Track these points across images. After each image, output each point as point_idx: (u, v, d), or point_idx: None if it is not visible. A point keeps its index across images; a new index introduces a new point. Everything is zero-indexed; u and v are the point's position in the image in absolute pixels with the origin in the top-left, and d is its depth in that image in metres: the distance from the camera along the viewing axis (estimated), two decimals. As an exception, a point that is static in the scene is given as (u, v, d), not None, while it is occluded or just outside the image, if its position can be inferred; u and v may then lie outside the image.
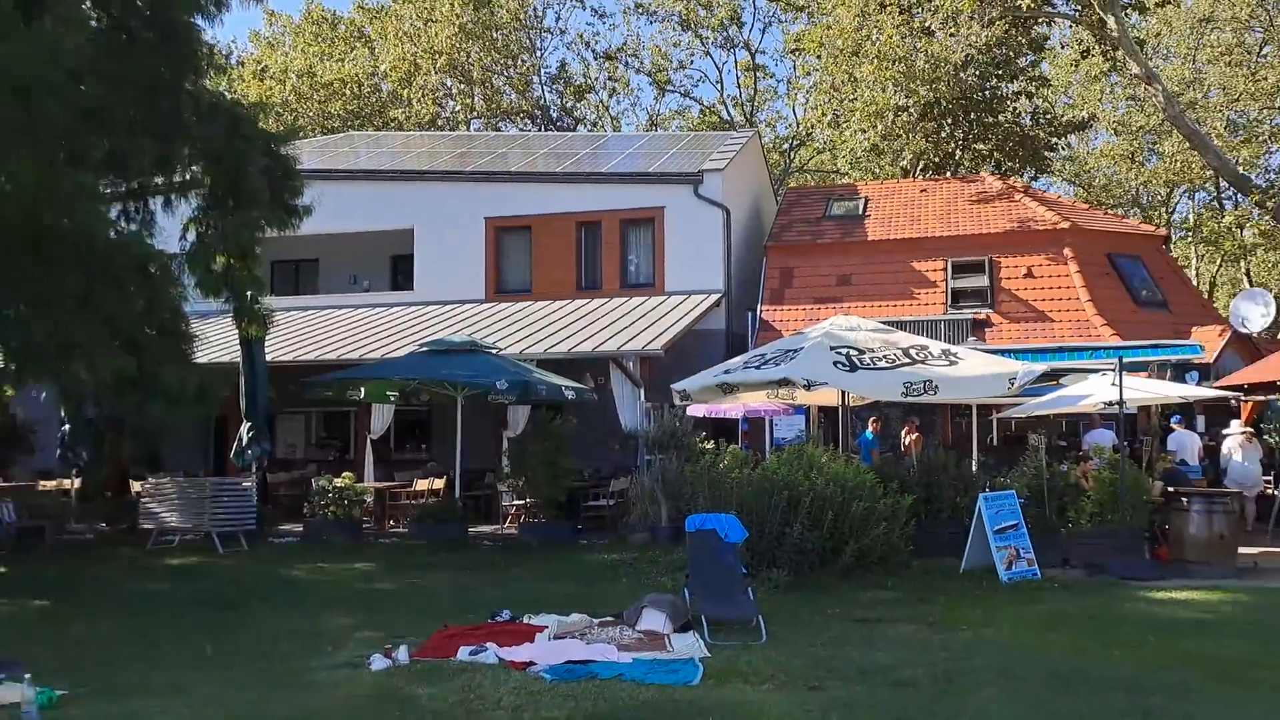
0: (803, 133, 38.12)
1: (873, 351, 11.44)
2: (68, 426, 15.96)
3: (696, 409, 15.93)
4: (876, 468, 12.34)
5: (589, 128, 40.96)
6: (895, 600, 9.60)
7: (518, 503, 15.18)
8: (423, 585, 10.95)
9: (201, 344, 13.47)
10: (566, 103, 40.71)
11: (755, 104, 41.71)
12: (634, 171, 21.23)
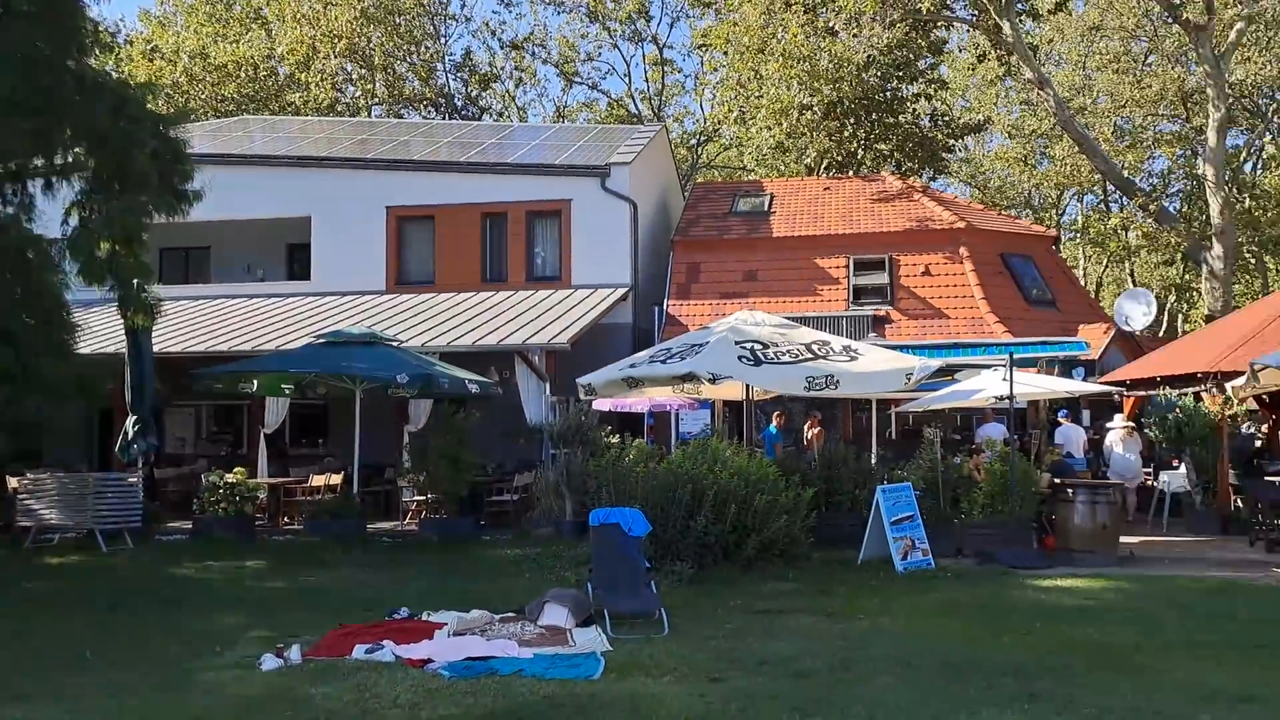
0: (710, 128, 38.39)
1: (776, 346, 11.63)
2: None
3: (602, 403, 15.90)
4: (779, 461, 12.53)
5: (495, 117, 40.51)
6: (796, 591, 9.74)
7: (418, 498, 14.92)
8: (318, 583, 10.69)
9: (84, 334, 12.89)
10: (471, 91, 40.15)
11: (663, 99, 41.84)
12: (541, 163, 21.09)
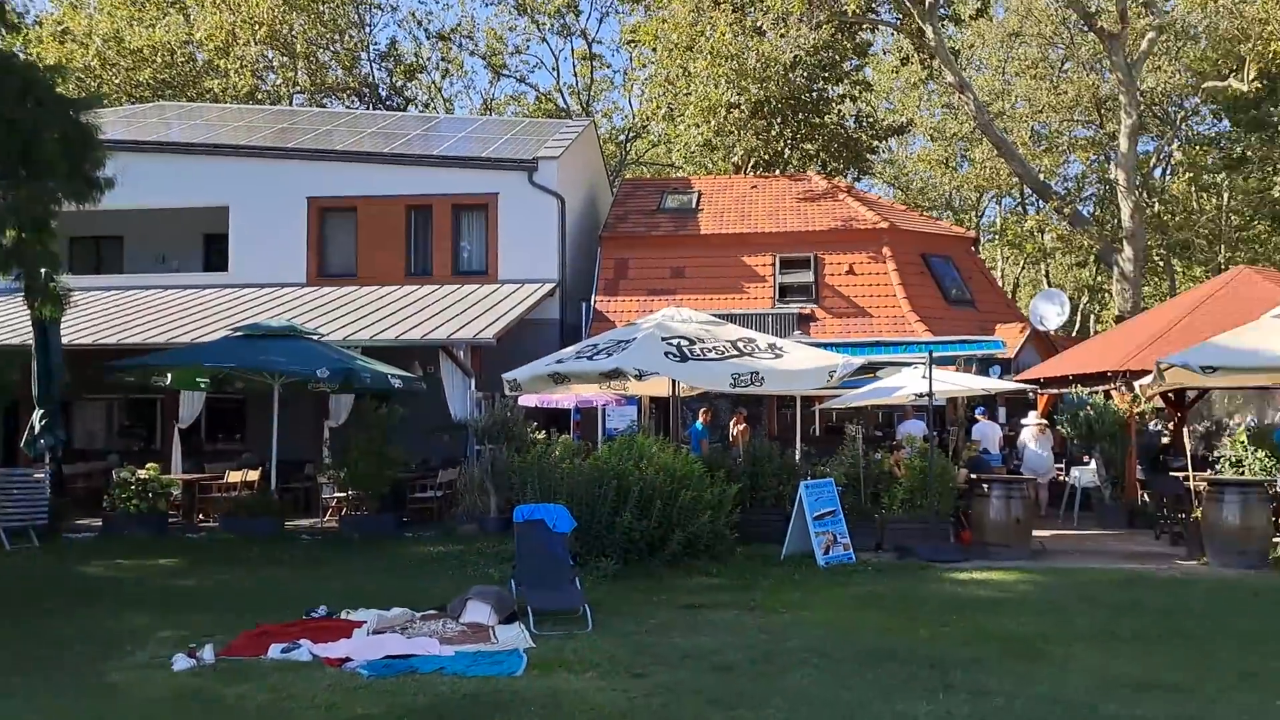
0: (639, 125, 38.43)
1: (703, 343, 11.70)
2: None
3: (528, 399, 15.81)
4: (705, 457, 12.59)
5: (420, 109, 39.95)
6: (720, 586, 9.81)
7: (339, 495, 14.66)
8: (233, 582, 10.43)
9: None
10: (397, 82, 39.53)
11: (592, 94, 41.74)
12: (467, 156, 20.85)
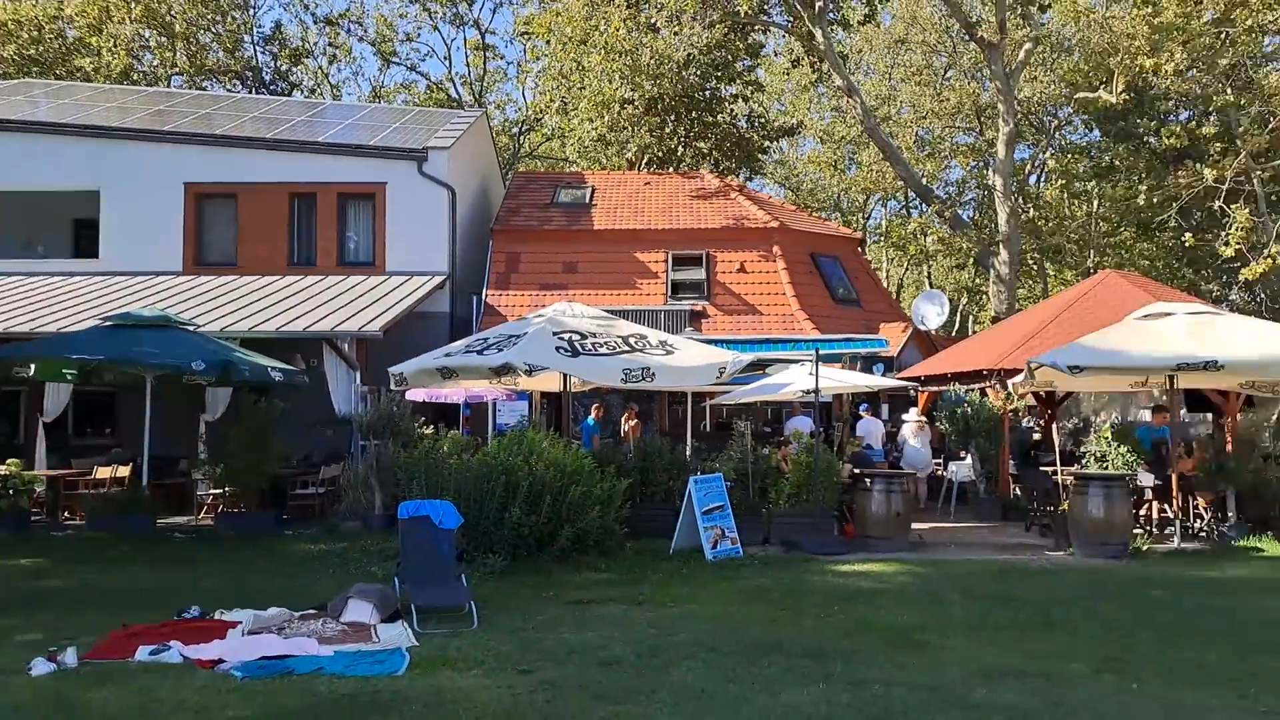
0: (532, 118, 38.14)
1: (595, 337, 11.69)
2: None
3: (416, 393, 15.54)
4: (595, 453, 12.56)
5: (306, 94, 38.85)
6: (609, 581, 9.80)
7: (215, 491, 14.13)
8: (101, 582, 9.93)
9: None
10: (281, 66, 38.30)
11: (485, 84, 41.25)
12: (354, 144, 20.34)
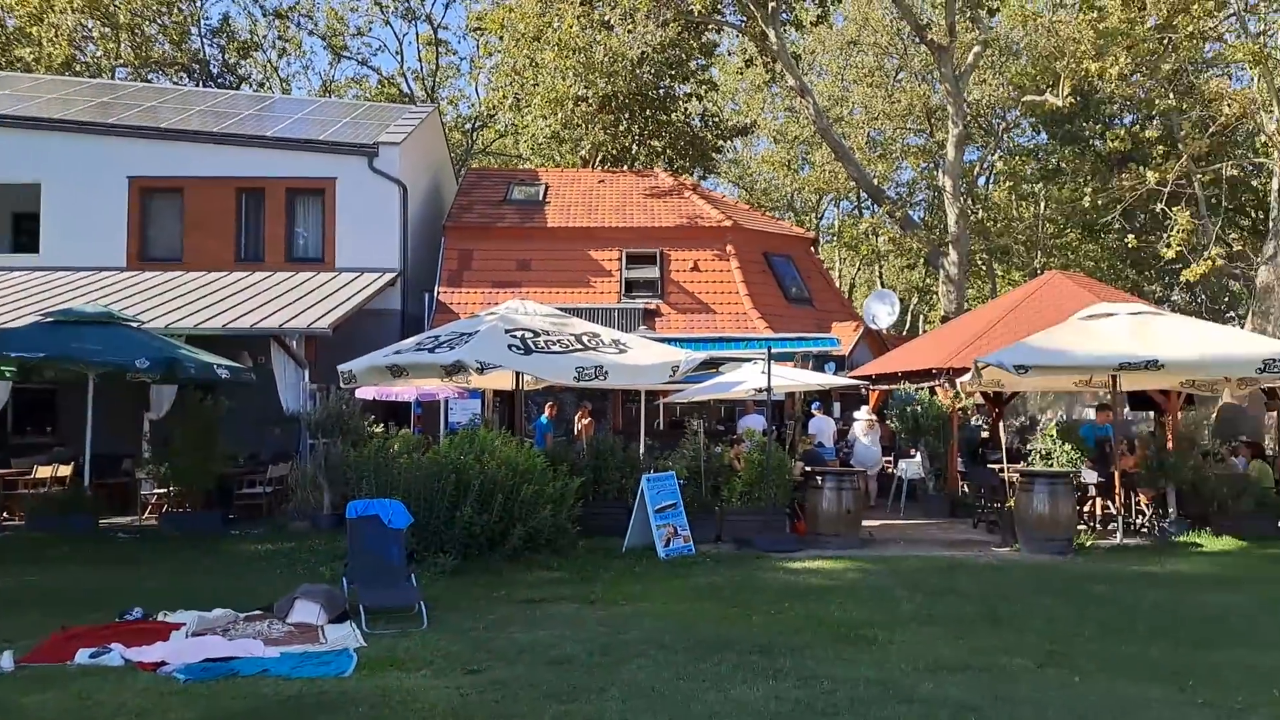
0: (485, 114, 37.89)
1: (548, 335, 11.64)
2: None
3: (366, 391, 15.36)
4: (548, 451, 12.51)
5: (255, 88, 38.25)
6: (560, 580, 9.77)
7: (159, 491, 13.87)
8: (40, 583, 9.72)
9: None
10: (229, 59, 37.68)
11: (437, 80, 40.90)
12: (304, 138, 20.08)
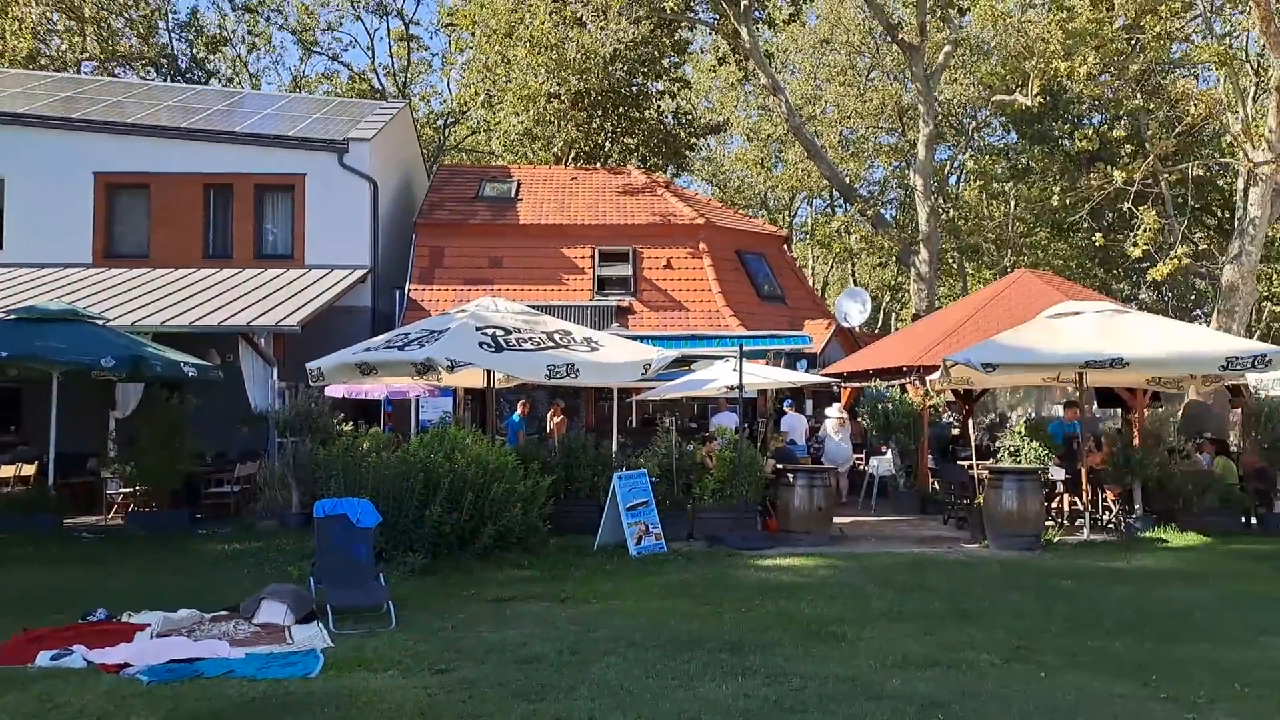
0: (457, 110, 37.70)
1: (519, 333, 11.60)
2: None
3: (336, 389, 15.25)
4: (519, 449, 12.46)
5: (224, 83, 37.84)
6: (531, 578, 9.73)
7: (125, 490, 13.70)
8: (2, 584, 9.55)
9: None
10: (198, 54, 37.26)
11: (408, 76, 40.66)
12: (273, 134, 19.89)
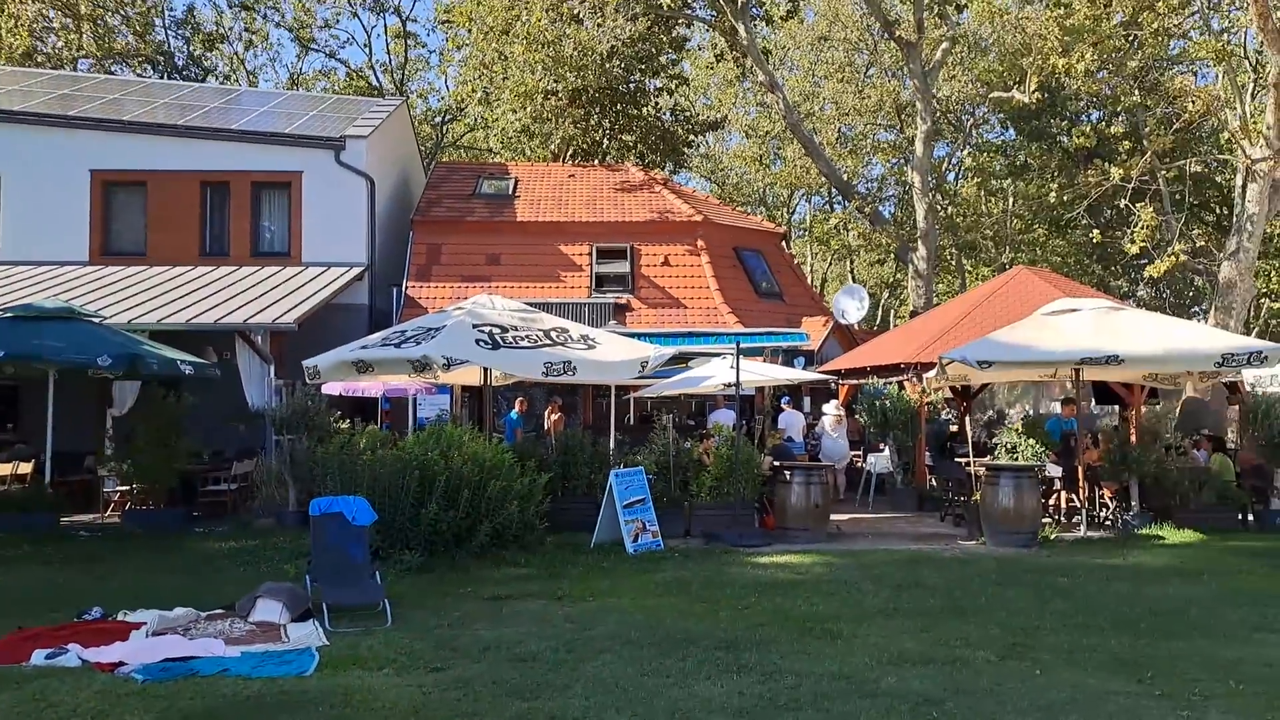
0: (455, 107, 37.66)
1: (516, 331, 11.59)
2: None
3: (333, 387, 15.23)
4: (516, 447, 12.46)
5: (221, 81, 37.78)
6: (528, 576, 9.72)
7: (122, 488, 13.70)
8: (-3, 583, 9.56)
9: None
10: (194, 51, 37.21)
11: (406, 73, 40.60)
12: (270, 131, 19.86)
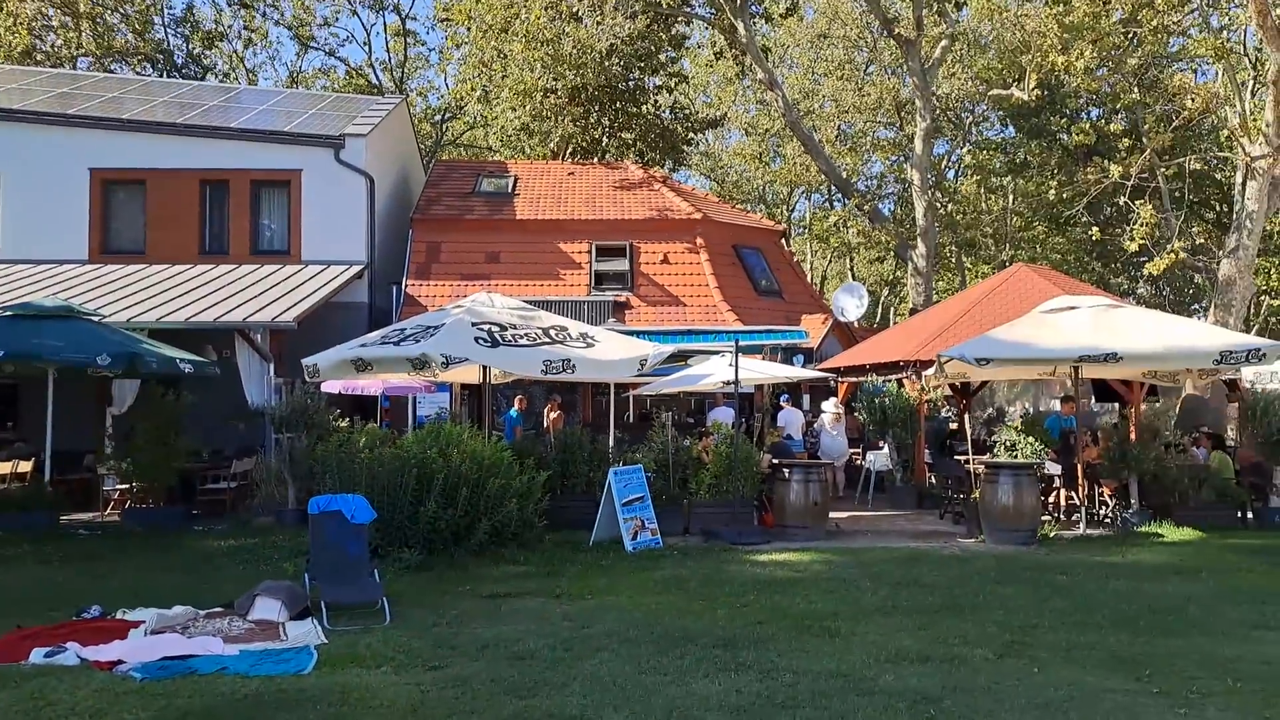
0: (454, 105, 37.65)
1: (514, 329, 11.62)
2: None
3: (332, 385, 15.24)
4: (515, 445, 12.47)
5: (220, 79, 37.77)
6: (526, 574, 9.73)
7: (122, 487, 13.72)
8: (-3, 582, 9.57)
9: None
10: (194, 49, 37.20)
11: (405, 71, 40.58)
12: (269, 129, 19.86)
